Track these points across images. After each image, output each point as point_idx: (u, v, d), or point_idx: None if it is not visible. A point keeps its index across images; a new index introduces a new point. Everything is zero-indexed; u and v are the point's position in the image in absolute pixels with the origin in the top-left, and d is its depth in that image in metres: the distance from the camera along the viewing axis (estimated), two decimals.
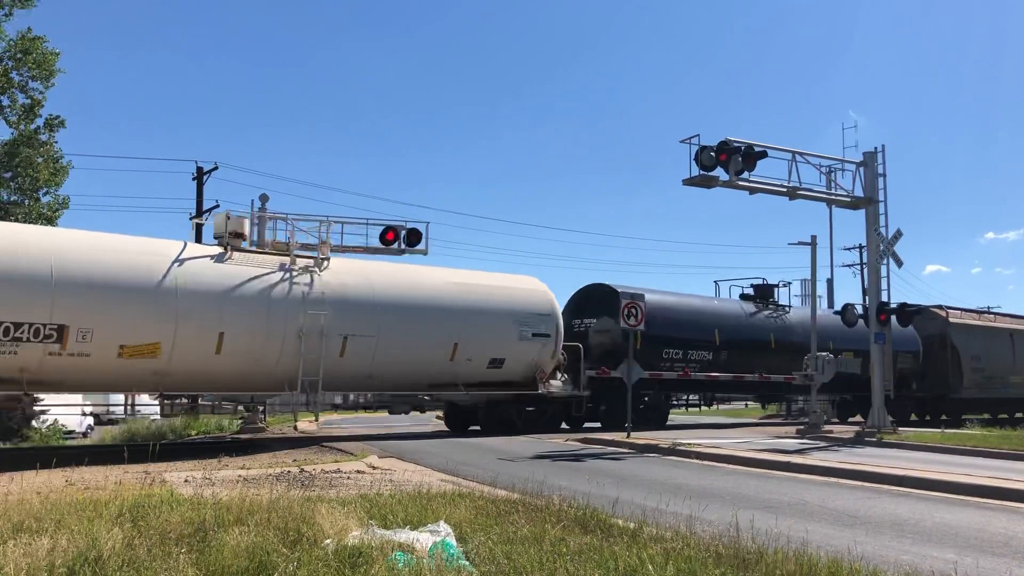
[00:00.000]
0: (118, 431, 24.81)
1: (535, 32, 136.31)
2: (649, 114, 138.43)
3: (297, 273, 17.81)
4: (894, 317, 21.78)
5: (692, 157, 17.98)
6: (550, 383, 21.76)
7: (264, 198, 20.33)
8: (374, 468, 12.70)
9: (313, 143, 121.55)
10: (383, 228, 21.36)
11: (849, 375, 26.51)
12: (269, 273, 17.44)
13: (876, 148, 21.53)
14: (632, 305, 19.74)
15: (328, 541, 5.80)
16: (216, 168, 31.49)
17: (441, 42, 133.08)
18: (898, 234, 21.52)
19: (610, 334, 23.73)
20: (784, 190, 19.73)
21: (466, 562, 5.44)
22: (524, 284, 22.28)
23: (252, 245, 18.79)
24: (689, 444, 16.53)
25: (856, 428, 22.77)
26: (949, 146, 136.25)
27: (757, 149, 18.48)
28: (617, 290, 23.07)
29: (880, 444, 18.99)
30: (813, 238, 23.67)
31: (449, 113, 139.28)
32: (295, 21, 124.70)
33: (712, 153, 17.89)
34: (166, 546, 5.68)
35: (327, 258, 18.63)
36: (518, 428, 21.07)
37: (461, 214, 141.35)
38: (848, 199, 21.27)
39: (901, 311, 22.04)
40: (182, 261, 16.38)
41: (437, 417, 26.75)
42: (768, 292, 29.51)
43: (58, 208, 24.07)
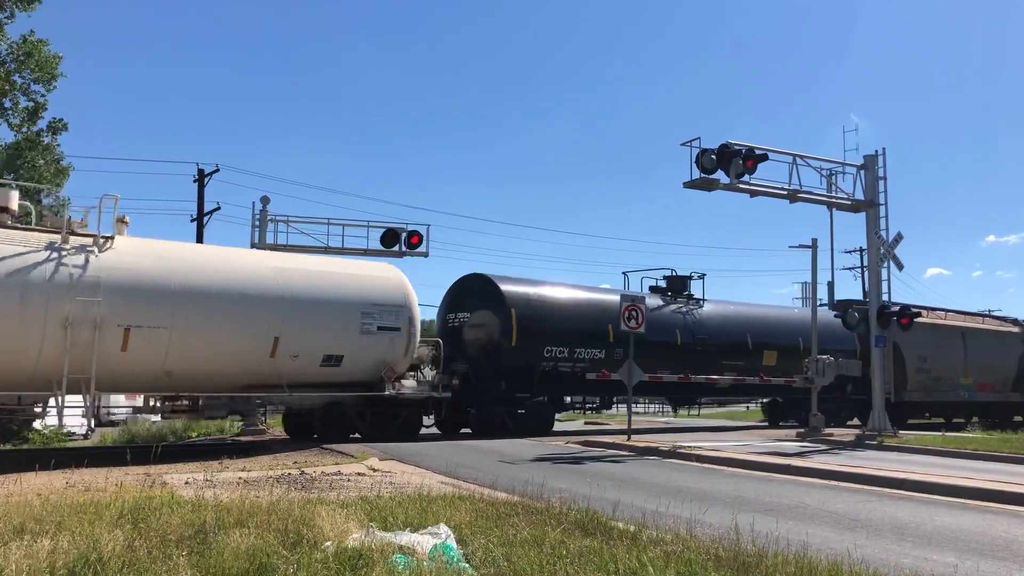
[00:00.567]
0: (118, 432, 24.83)
1: (536, 35, 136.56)
2: (649, 117, 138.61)
3: (69, 253, 15.17)
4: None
5: (693, 160, 18.00)
6: (402, 384, 19.14)
7: (265, 200, 20.42)
8: (374, 470, 12.71)
9: (314, 145, 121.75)
10: (384, 230, 21.43)
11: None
12: (29, 252, 14.84)
13: (877, 151, 21.57)
14: (632, 308, 19.64)
15: (328, 543, 5.81)
16: (217, 170, 31.62)
17: (442, 45, 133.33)
18: (899, 237, 21.55)
19: (487, 329, 21.84)
20: (785, 193, 19.75)
21: (466, 564, 5.45)
22: (372, 271, 19.40)
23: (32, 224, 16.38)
24: (689, 447, 16.55)
25: (856, 431, 22.76)
26: (950, 149, 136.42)
27: (758, 152, 18.51)
28: (495, 281, 21.91)
29: (880, 447, 18.99)
30: (814, 241, 23.73)
31: (450, 115, 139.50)
32: (296, 24, 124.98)
33: (713, 156, 17.90)
34: (167, 548, 5.69)
35: (110, 237, 15.86)
36: (363, 434, 18.70)
37: (462, 216, 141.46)
38: (849, 202, 21.29)
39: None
40: None
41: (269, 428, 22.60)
42: (681, 284, 26.91)
43: (59, 210, 24.13)
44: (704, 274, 27.47)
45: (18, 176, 23.34)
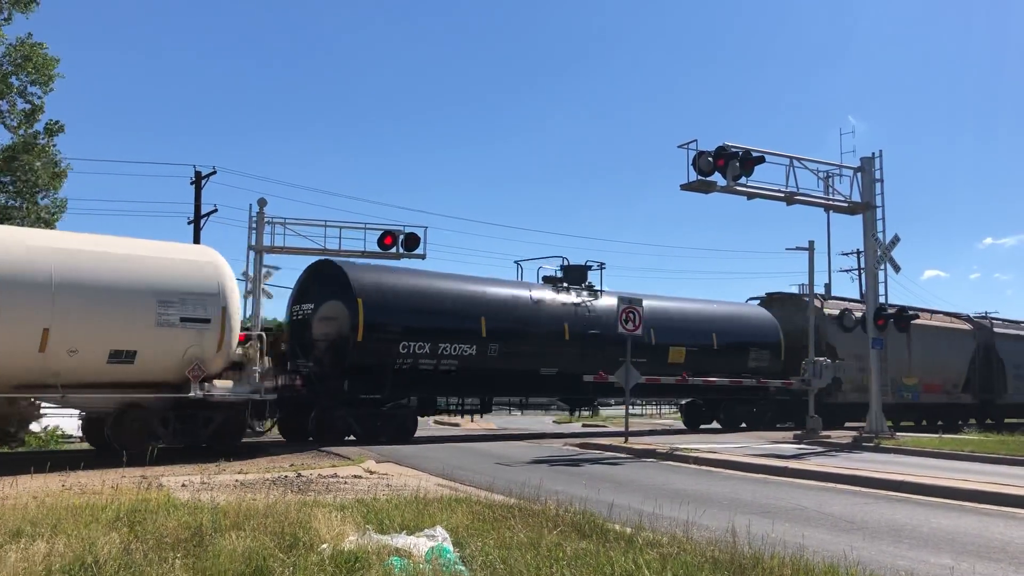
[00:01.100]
0: None
1: (534, 36, 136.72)
2: (647, 118, 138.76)
3: None
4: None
5: (690, 162, 18.01)
6: (213, 384, 16.45)
7: (262, 202, 20.38)
8: (371, 473, 12.72)
9: (312, 148, 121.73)
10: (381, 233, 21.39)
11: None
12: None
13: (873, 153, 21.66)
14: (630, 310, 19.64)
15: (324, 546, 5.81)
16: (214, 172, 31.72)
17: (441, 46, 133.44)
18: (896, 239, 21.61)
19: (337, 323, 19.28)
20: (782, 195, 19.79)
21: (462, 567, 5.45)
22: (176, 253, 16.57)
23: None
24: (687, 449, 16.57)
25: (854, 433, 22.79)
26: (948, 151, 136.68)
27: (755, 154, 18.54)
28: (343, 267, 19.49)
29: (878, 449, 19.01)
30: (811, 243, 23.79)
31: (448, 117, 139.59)
32: (293, 27, 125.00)
33: (710, 158, 17.90)
34: (163, 551, 5.69)
35: None
36: (167, 441, 15.99)
37: (459, 218, 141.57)
38: (846, 204, 21.35)
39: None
40: None
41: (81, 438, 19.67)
42: (579, 275, 24.17)
43: (56, 211, 24.10)
44: (603, 263, 24.53)
45: (15, 179, 23.32)
